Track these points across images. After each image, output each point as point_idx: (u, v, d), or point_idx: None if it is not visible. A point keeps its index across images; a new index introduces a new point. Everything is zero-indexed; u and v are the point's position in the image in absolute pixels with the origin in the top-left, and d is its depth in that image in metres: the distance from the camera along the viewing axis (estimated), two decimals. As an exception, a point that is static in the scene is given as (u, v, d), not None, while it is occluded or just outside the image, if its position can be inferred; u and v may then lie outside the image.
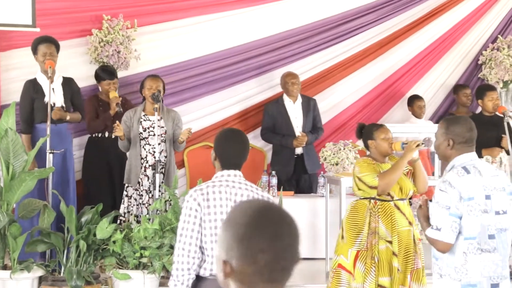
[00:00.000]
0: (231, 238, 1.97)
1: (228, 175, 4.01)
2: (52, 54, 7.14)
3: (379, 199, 5.70)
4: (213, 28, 9.02)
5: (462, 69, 9.95)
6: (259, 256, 1.93)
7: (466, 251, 4.10)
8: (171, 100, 8.64)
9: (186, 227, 3.90)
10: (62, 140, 7.14)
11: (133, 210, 7.28)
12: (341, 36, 9.49)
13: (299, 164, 8.61)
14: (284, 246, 1.95)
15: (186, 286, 3.91)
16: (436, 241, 4.11)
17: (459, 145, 4.24)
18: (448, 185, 4.09)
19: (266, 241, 1.94)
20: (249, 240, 1.94)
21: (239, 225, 1.96)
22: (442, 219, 4.08)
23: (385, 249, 5.62)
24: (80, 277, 6.20)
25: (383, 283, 5.60)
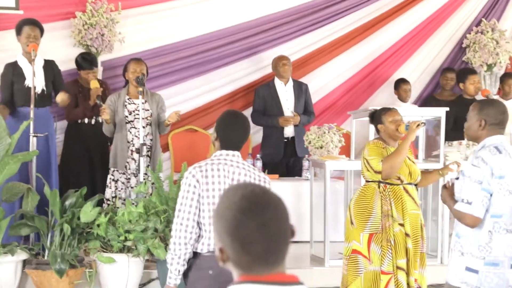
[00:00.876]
0: (222, 230, 2.03)
1: (227, 155, 4.10)
2: (35, 37, 7.08)
3: (389, 183, 5.68)
4: (197, 11, 8.99)
5: (446, 52, 9.98)
6: (250, 247, 2.00)
7: (492, 229, 4.16)
8: (156, 83, 8.62)
9: (184, 203, 4.00)
10: (45, 123, 7.10)
11: (121, 193, 7.28)
12: (326, 19, 9.49)
13: (289, 147, 8.63)
14: (273, 232, 2.00)
15: (183, 260, 4.01)
16: (465, 214, 4.15)
17: (490, 126, 4.29)
18: (481, 160, 4.15)
19: (255, 232, 1.99)
20: (238, 233, 2.00)
21: (227, 218, 2.02)
22: (474, 193, 4.12)
23: (399, 232, 5.61)
24: (64, 261, 6.19)
25: (401, 264, 5.60)
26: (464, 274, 4.22)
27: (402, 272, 5.60)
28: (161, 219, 6.28)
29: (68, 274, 6.27)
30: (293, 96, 8.72)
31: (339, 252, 7.24)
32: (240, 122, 4.19)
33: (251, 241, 1.99)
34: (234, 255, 2.02)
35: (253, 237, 1.99)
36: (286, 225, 2.03)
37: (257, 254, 2.00)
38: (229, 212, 2.02)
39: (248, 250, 2.00)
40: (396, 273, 5.60)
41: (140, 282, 6.53)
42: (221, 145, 4.12)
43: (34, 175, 6.75)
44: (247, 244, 1.99)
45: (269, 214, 2.00)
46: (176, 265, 4.02)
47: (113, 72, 8.55)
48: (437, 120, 7.34)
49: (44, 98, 7.15)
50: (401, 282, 5.59)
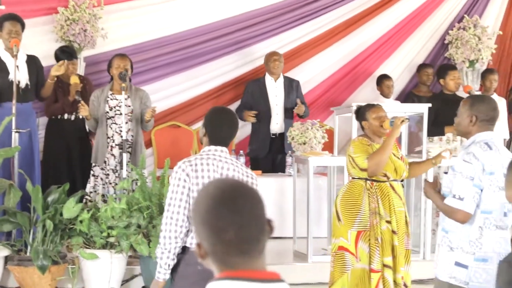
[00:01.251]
0: (197, 223, 2.05)
1: (216, 150, 4.11)
2: (17, 33, 7.05)
3: (376, 180, 5.66)
4: (181, 6, 8.97)
5: (429, 48, 10.02)
6: (222, 235, 2.00)
7: (482, 225, 4.17)
8: (139, 79, 8.60)
9: (174, 197, 4.00)
10: (27, 119, 7.07)
11: (99, 189, 7.26)
12: (309, 14, 9.49)
13: (276, 143, 8.62)
14: (244, 220, 2.01)
15: (173, 254, 4.01)
16: (457, 210, 4.16)
17: (481, 123, 4.31)
18: (472, 156, 4.17)
19: (225, 219, 2.00)
20: (210, 222, 2.01)
21: (200, 210, 2.04)
22: (466, 189, 4.14)
23: (386, 229, 5.60)
24: (47, 257, 6.17)
25: (388, 262, 5.59)
26: (453, 269, 4.23)
27: (389, 270, 5.59)
28: (144, 215, 6.27)
29: (51, 271, 6.25)
30: (283, 92, 8.72)
31: (322, 248, 7.28)
32: (228, 118, 4.21)
33: (223, 227, 1.99)
34: (209, 246, 2.03)
35: (225, 223, 1.99)
36: (261, 214, 2.04)
37: (230, 241, 2.00)
38: (203, 201, 2.04)
39: (221, 237, 2.00)
40: (383, 271, 5.60)
41: (123, 278, 6.52)
42: (210, 141, 4.14)
43: (17, 171, 6.72)
44: (219, 231, 2.00)
45: (242, 201, 2.02)
46: (166, 259, 4.01)
47: (96, 68, 8.52)
48: (419, 116, 7.36)
49: (28, 93, 7.12)
50: (388, 280, 5.58)
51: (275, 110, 8.69)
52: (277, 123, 8.70)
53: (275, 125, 8.70)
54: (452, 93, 8.51)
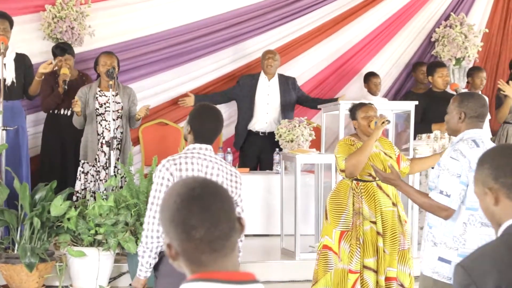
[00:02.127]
0: (166, 222, 2.02)
1: (200, 148, 4.10)
2: (5, 30, 7.03)
3: (361, 179, 5.62)
4: (168, 4, 8.97)
5: (416, 46, 10.05)
6: (192, 232, 1.98)
7: (466, 221, 4.19)
8: (127, 77, 8.60)
9: (157, 196, 3.99)
10: (15, 116, 7.06)
11: (90, 186, 7.26)
12: (296, 13, 9.50)
13: (265, 142, 8.63)
14: (213, 216, 1.99)
15: (154, 253, 4.01)
16: (443, 206, 4.18)
17: (470, 119, 4.34)
18: (459, 154, 4.19)
19: (194, 216, 1.98)
20: (179, 220, 1.99)
21: (169, 208, 2.02)
22: (453, 186, 4.16)
23: (369, 230, 5.54)
24: (34, 255, 6.16)
25: (368, 264, 5.53)
26: (437, 264, 4.25)
27: (369, 272, 5.54)
28: (132, 213, 6.27)
29: (38, 268, 6.24)
30: (278, 91, 8.70)
31: (310, 245, 7.30)
32: (213, 115, 4.19)
33: (192, 225, 1.98)
34: (179, 245, 2.01)
35: (195, 220, 1.98)
36: (230, 211, 2.03)
37: (200, 238, 1.98)
38: (171, 199, 2.02)
39: (191, 235, 1.98)
40: (363, 272, 5.55)
41: (111, 275, 6.52)
42: (195, 139, 4.12)
43: (4, 168, 6.71)
44: (189, 229, 1.98)
45: (211, 198, 2.01)
46: (147, 258, 4.02)
47: (84, 65, 8.51)
48: (406, 114, 7.39)
49: (15, 90, 7.11)
50: (367, 282, 5.53)
51: (265, 109, 8.68)
52: (266, 122, 8.68)
53: (263, 124, 8.69)
54: (441, 90, 8.54)
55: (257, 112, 8.69)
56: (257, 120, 8.70)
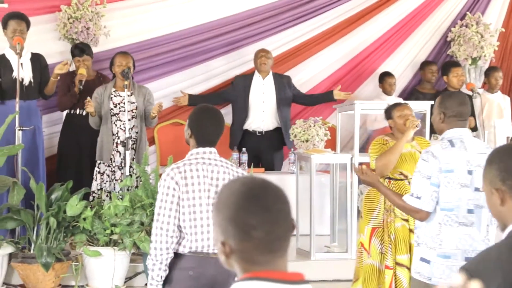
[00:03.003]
0: (224, 219, 2.02)
1: (204, 152, 4.00)
2: (22, 31, 7.06)
3: (393, 178, 5.66)
4: (183, 5, 8.98)
5: (431, 45, 10.01)
6: (252, 232, 1.99)
7: (441, 222, 4.20)
8: (141, 77, 8.61)
9: (164, 206, 3.90)
10: (31, 116, 7.09)
11: (106, 186, 7.28)
12: (311, 12, 9.49)
13: (264, 141, 8.60)
14: (274, 217, 2.00)
15: (165, 266, 3.91)
16: (415, 209, 4.21)
17: (449, 119, 4.34)
18: (430, 155, 4.20)
19: (256, 216, 1.99)
20: (239, 218, 2.00)
21: (228, 206, 2.02)
22: (423, 188, 4.19)
23: (401, 227, 5.57)
24: (50, 254, 6.18)
25: (401, 261, 5.56)
26: (418, 264, 4.29)
27: (402, 268, 5.57)
28: (147, 213, 6.28)
29: (54, 268, 6.26)
30: (273, 89, 8.66)
31: (325, 246, 7.30)
32: (213, 116, 4.08)
33: (253, 225, 1.98)
34: (236, 244, 2.01)
35: (256, 221, 1.98)
36: (288, 212, 2.04)
37: (259, 239, 1.99)
38: (231, 199, 2.02)
39: (251, 235, 1.99)
40: (395, 269, 5.59)
41: (127, 275, 6.53)
42: (197, 142, 4.02)
43: (20, 168, 6.74)
44: (249, 229, 1.98)
45: (271, 199, 2.01)
46: (158, 271, 3.92)
47: (99, 66, 8.53)
48: (422, 114, 7.36)
49: (32, 90, 7.13)
50: (400, 278, 5.57)
51: (260, 107, 8.62)
52: (263, 120, 8.62)
53: (260, 123, 8.62)
54: (456, 90, 8.51)
55: (252, 111, 8.61)
56: (253, 119, 8.62)
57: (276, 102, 8.62)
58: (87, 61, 7.84)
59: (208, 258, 3.89)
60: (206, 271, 3.89)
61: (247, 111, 8.60)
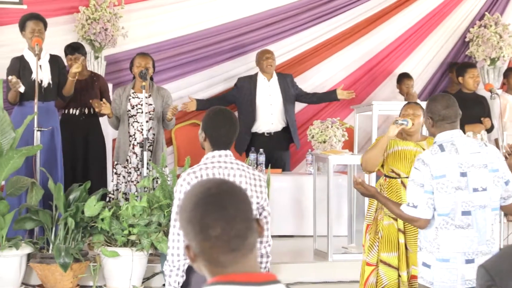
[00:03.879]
0: (184, 223, 2.04)
1: (219, 156, 3.97)
2: (40, 32, 7.08)
3: (388, 176, 5.65)
4: (201, 5, 9.00)
5: (450, 46, 9.98)
6: (209, 230, 1.99)
7: (438, 226, 4.19)
8: (159, 78, 8.63)
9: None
10: (50, 117, 7.11)
11: (122, 187, 7.30)
12: (329, 13, 9.49)
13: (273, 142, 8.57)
14: (230, 215, 2.00)
15: (182, 271, 3.90)
16: (413, 218, 4.22)
17: (438, 123, 4.32)
18: (421, 163, 4.20)
19: (211, 214, 1.99)
20: (196, 219, 2.00)
21: (186, 209, 2.03)
22: (418, 196, 4.18)
23: (388, 226, 5.55)
24: (69, 254, 6.20)
25: (384, 258, 5.54)
26: (421, 269, 4.29)
27: (385, 266, 5.53)
28: (165, 213, 6.29)
29: (72, 268, 6.29)
30: (279, 90, 8.61)
31: (343, 247, 7.28)
32: (227, 118, 4.03)
33: (210, 223, 1.99)
34: (197, 246, 2.01)
35: (212, 218, 1.99)
36: (247, 210, 2.03)
37: (216, 237, 1.98)
38: (189, 200, 2.03)
39: (208, 234, 1.99)
40: (378, 266, 5.57)
41: (144, 276, 6.54)
42: (212, 145, 3.98)
43: (39, 169, 6.76)
44: (206, 228, 1.99)
45: (227, 197, 2.01)
46: (175, 276, 3.91)
47: (117, 67, 8.58)
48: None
49: (50, 92, 7.16)
50: (380, 276, 5.54)
51: (268, 110, 8.57)
52: (271, 122, 8.58)
53: (269, 125, 8.57)
54: (472, 91, 8.47)
55: (261, 114, 8.56)
56: (262, 122, 8.57)
57: (283, 103, 8.59)
58: (79, 60, 7.78)
59: None
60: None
61: (254, 114, 8.55)
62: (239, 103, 8.66)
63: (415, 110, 5.73)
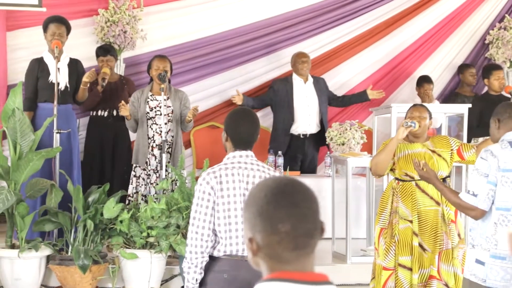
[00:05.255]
0: (252, 215, 2.04)
1: (240, 156, 3.99)
2: (61, 35, 7.11)
3: (400, 179, 5.64)
4: (219, 8, 9.00)
5: (469, 48, 9.93)
6: (279, 225, 2.00)
7: (497, 221, 4.18)
8: (178, 80, 8.65)
9: (199, 211, 3.91)
10: (68, 120, 7.14)
11: (141, 190, 7.31)
12: (348, 15, 9.47)
13: (307, 144, 8.59)
14: (301, 213, 2.01)
15: (200, 269, 3.92)
16: (471, 206, 4.20)
17: (504, 121, 4.35)
18: (489, 153, 4.20)
19: (283, 210, 2.00)
20: (268, 213, 2.01)
21: (257, 202, 2.04)
22: (480, 185, 4.18)
23: (404, 229, 5.54)
24: (88, 256, 6.23)
25: (403, 262, 5.54)
26: (474, 266, 4.26)
27: (403, 270, 5.53)
28: (183, 216, 6.30)
29: (91, 270, 6.31)
30: (314, 93, 8.69)
31: (361, 249, 7.26)
32: (248, 117, 4.07)
33: (280, 218, 2.00)
34: (263, 239, 2.02)
35: (282, 214, 2.00)
36: (317, 211, 2.05)
37: (285, 232, 1.99)
38: (260, 194, 2.04)
39: (277, 228, 2.00)
40: (397, 270, 5.56)
41: (163, 278, 6.56)
42: (233, 144, 4.01)
43: (58, 171, 6.79)
44: (276, 222, 2.00)
45: (300, 196, 2.03)
46: (193, 274, 3.94)
47: (135, 69, 8.59)
48: (460, 117, 7.31)
49: (67, 95, 7.19)
50: (401, 279, 5.53)
51: (306, 111, 8.63)
52: (309, 124, 8.64)
53: (306, 126, 8.63)
54: (497, 93, 8.42)
55: (299, 115, 8.62)
56: (300, 123, 8.63)
57: (318, 105, 8.63)
58: (110, 62, 7.88)
59: (242, 261, 3.90)
60: (240, 274, 3.90)
61: (292, 115, 8.61)
62: (276, 105, 8.73)
63: (421, 112, 5.71)
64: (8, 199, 6.20)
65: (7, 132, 6.49)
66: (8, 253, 6.38)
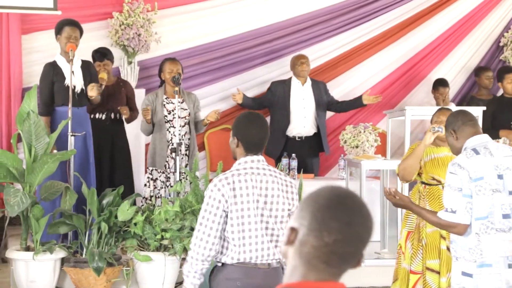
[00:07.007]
0: (307, 210, 2.01)
1: (252, 161, 3.94)
2: (75, 38, 7.13)
3: (426, 183, 5.62)
4: (233, 11, 9.02)
5: (484, 51, 9.90)
6: (325, 233, 1.97)
7: (478, 231, 4.13)
8: (191, 83, 8.67)
9: (207, 217, 3.84)
10: (82, 123, 7.16)
11: (161, 192, 7.33)
12: (361, 18, 9.47)
13: (304, 146, 8.55)
14: (352, 234, 1.98)
15: (199, 275, 3.90)
16: (452, 223, 4.16)
17: (459, 130, 4.34)
18: (457, 167, 4.16)
19: (337, 223, 1.97)
20: (322, 215, 1.98)
21: (318, 203, 2.00)
22: (456, 201, 4.14)
23: (431, 233, 5.52)
24: (102, 259, 6.25)
25: (431, 265, 5.52)
26: (462, 279, 4.22)
27: (432, 273, 5.52)
28: (197, 218, 6.30)
29: (106, 272, 6.33)
30: (312, 95, 8.64)
31: (375, 252, 7.25)
32: (257, 119, 4.02)
33: (330, 228, 1.97)
34: (304, 236, 1.99)
35: (334, 226, 1.96)
36: (364, 241, 2.01)
37: (326, 243, 1.96)
38: (328, 194, 2.02)
39: (321, 234, 1.97)
40: (425, 274, 5.55)
41: (177, 280, 6.57)
42: (244, 149, 3.95)
43: (72, 174, 6.81)
44: (324, 229, 1.97)
45: (358, 218, 1.99)
46: (192, 278, 3.91)
47: (150, 72, 8.62)
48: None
49: (83, 97, 7.21)
50: (429, 283, 5.52)
51: (302, 113, 8.60)
52: (304, 126, 8.59)
53: (302, 128, 8.59)
54: (511, 96, 8.41)
55: (294, 117, 8.59)
56: (295, 125, 8.59)
57: (315, 108, 8.60)
58: (107, 66, 7.86)
59: (256, 268, 3.86)
60: (253, 281, 3.86)
61: (288, 117, 8.58)
62: (273, 107, 8.70)
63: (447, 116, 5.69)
64: (23, 201, 6.22)
65: (22, 135, 6.51)
66: (23, 255, 6.41)
